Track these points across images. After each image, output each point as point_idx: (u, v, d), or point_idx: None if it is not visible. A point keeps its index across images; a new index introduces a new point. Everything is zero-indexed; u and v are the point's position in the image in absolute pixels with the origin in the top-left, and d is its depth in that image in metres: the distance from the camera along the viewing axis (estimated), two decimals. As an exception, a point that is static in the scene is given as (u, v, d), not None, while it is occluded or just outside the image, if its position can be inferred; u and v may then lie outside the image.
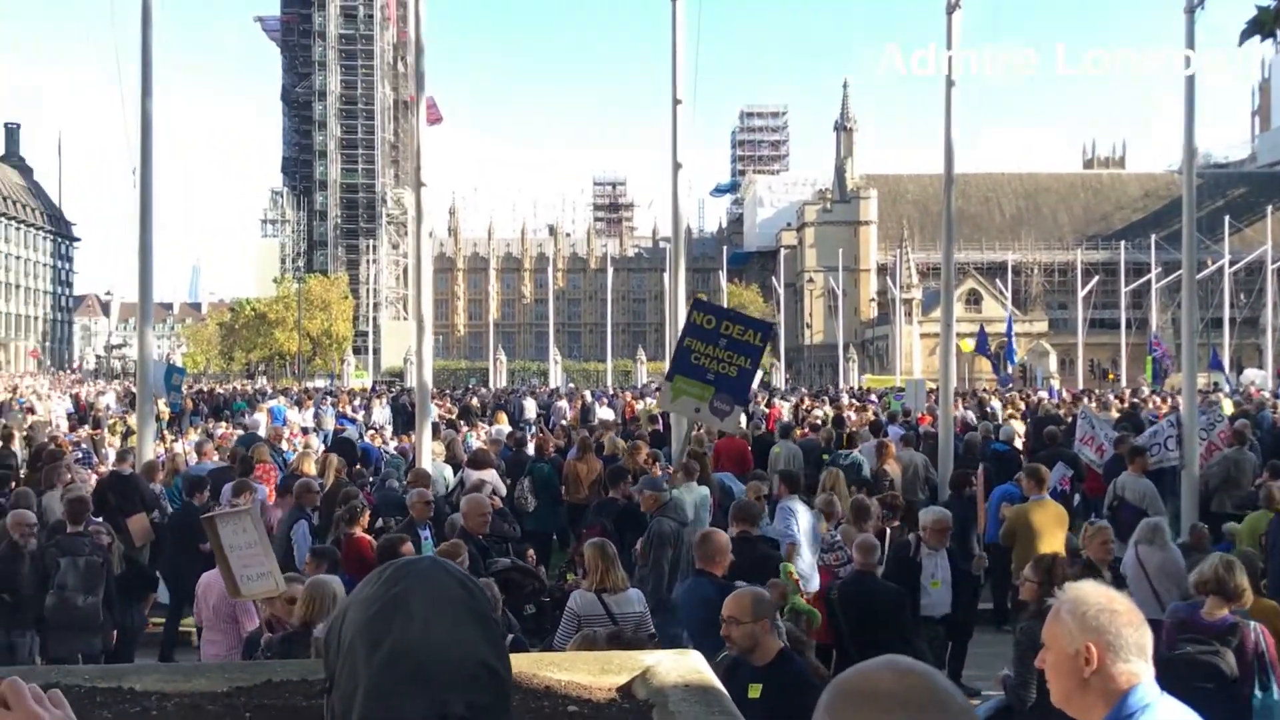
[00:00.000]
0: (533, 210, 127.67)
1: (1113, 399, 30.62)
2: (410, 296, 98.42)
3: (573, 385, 50.28)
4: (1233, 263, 62.59)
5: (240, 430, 21.38)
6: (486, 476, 12.63)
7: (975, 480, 11.99)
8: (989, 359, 49.97)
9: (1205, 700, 4.18)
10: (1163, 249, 67.54)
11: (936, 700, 1.46)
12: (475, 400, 36.19)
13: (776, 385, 58.11)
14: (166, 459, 15.26)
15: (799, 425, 20.94)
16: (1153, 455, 12.87)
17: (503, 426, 21.23)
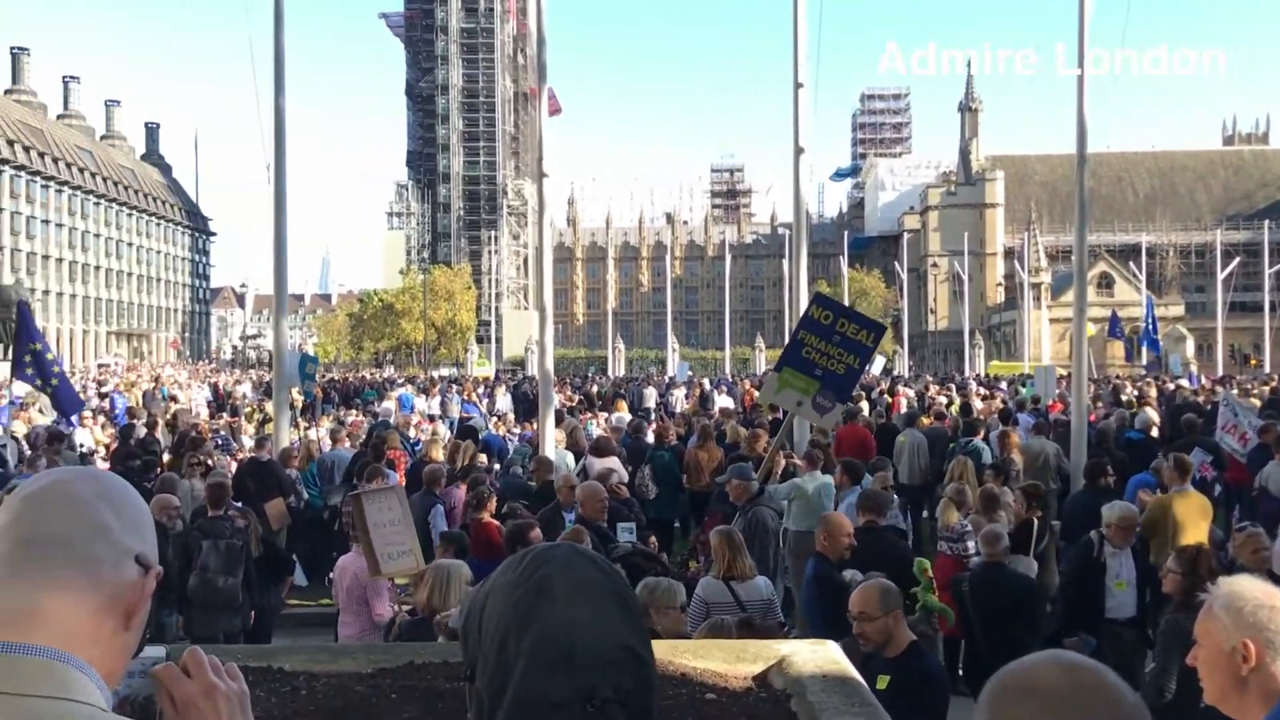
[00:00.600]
0: (650, 199, 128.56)
1: (1257, 385, 29.20)
2: (531, 286, 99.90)
3: (690, 373, 50.17)
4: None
5: (370, 418, 21.92)
6: (610, 464, 12.71)
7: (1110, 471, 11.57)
8: (1123, 343, 48.23)
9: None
10: (1312, 228, 64.45)
11: (1105, 698, 1.36)
12: (594, 389, 36.43)
13: (900, 373, 57.07)
14: (301, 446, 15.73)
15: (924, 413, 20.55)
16: (1302, 443, 12.24)
17: (623, 414, 21.32)
